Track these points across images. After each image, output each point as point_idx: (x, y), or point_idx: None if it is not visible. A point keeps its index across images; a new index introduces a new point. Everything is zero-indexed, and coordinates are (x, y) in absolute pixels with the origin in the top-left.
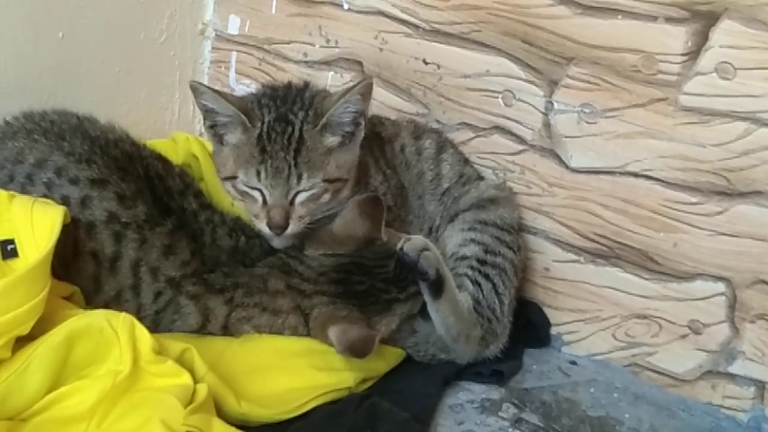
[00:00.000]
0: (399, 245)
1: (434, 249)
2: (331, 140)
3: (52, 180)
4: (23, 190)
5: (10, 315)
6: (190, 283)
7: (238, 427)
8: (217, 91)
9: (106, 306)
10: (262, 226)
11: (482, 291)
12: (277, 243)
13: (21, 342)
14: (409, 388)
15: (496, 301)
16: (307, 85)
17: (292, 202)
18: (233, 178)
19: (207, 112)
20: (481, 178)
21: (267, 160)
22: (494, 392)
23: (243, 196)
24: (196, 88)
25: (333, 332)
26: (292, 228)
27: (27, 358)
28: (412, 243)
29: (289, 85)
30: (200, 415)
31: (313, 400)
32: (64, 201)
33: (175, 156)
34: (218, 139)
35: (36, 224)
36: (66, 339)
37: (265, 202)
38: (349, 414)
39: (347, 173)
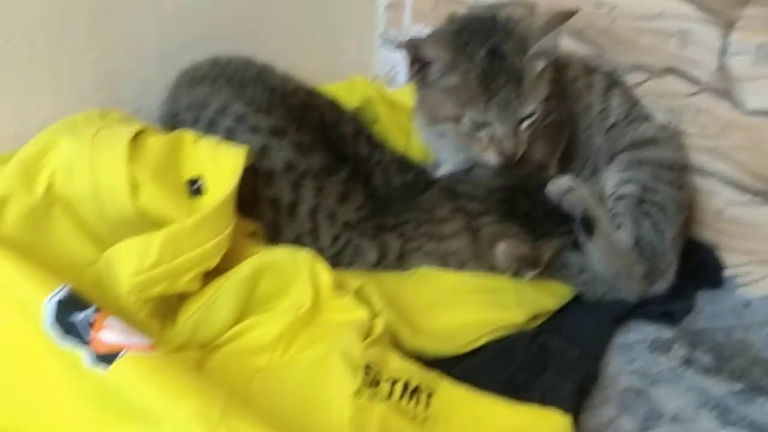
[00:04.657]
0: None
1: (582, 190)
2: (539, 65)
3: (232, 127)
4: (206, 134)
5: (198, 250)
6: (366, 225)
7: (413, 360)
8: (428, 40)
9: (263, 235)
10: (491, 158)
11: (642, 229)
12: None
13: (209, 276)
14: (579, 326)
15: (657, 239)
16: (499, 12)
17: (517, 130)
18: (456, 119)
19: (415, 62)
20: (648, 119)
21: (493, 95)
22: (665, 332)
23: (464, 136)
24: (413, 44)
25: (501, 247)
26: (519, 153)
27: (215, 292)
28: (556, 185)
29: (482, 16)
30: (377, 349)
31: (485, 336)
32: None
33: (351, 100)
34: (428, 84)
35: (221, 163)
36: (251, 274)
37: (492, 136)
38: (521, 350)
39: (550, 93)
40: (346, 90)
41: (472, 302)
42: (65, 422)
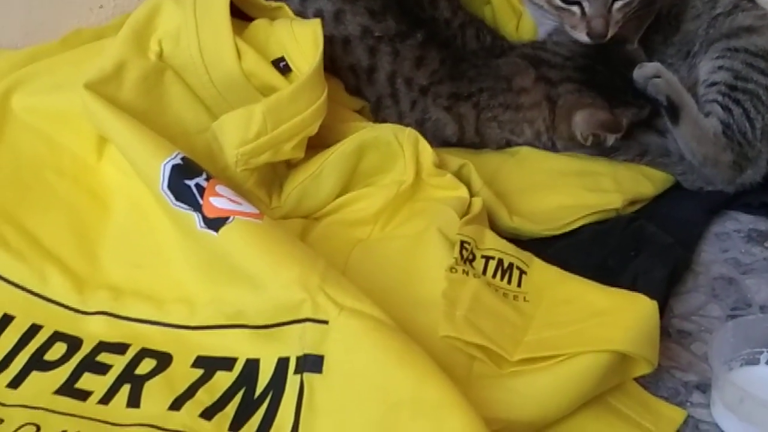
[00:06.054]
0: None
1: (668, 75)
2: None
3: None
4: None
5: (298, 118)
6: (440, 94)
7: (508, 240)
8: None
9: (369, 112)
10: (581, 36)
11: (732, 116)
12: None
13: (315, 150)
14: (675, 214)
15: (747, 126)
16: None
17: (609, 10)
18: None
19: None
20: (750, 9)
21: None
22: (762, 223)
23: (558, 10)
24: None
25: (580, 116)
26: (610, 34)
27: (321, 164)
28: (641, 71)
29: None
30: (474, 227)
31: (581, 219)
32: (318, 15)
33: None
34: None
35: (299, 38)
36: (356, 149)
37: (583, 13)
38: (615, 234)
39: None
40: None
41: (570, 185)
42: (175, 280)
